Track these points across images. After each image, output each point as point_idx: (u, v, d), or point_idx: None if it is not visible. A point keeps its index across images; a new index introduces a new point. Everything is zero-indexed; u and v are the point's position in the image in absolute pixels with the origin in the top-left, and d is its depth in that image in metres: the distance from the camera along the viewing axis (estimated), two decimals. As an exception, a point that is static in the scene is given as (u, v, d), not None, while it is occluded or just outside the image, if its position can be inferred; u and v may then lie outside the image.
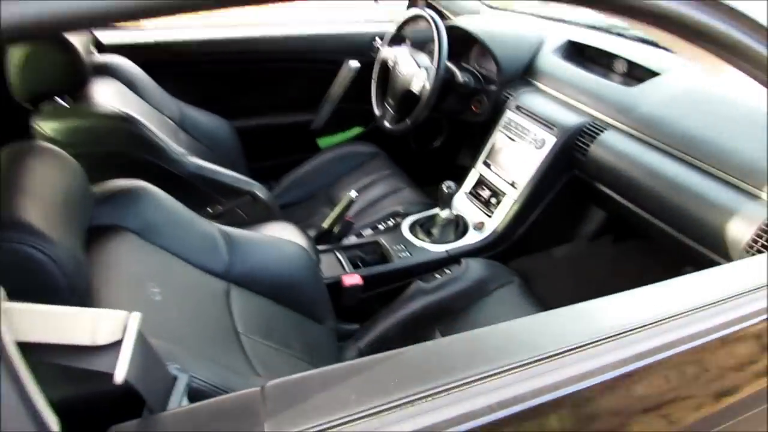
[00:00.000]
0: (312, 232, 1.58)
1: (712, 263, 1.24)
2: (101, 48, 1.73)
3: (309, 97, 2.12)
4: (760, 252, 1.11)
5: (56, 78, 1.22)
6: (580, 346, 0.63)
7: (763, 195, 1.14)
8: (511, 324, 0.67)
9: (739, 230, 1.14)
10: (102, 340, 0.52)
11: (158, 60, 1.81)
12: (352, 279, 1.40)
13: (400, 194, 1.84)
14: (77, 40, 1.24)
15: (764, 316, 0.73)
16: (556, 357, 0.61)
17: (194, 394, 0.64)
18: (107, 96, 1.38)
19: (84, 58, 1.24)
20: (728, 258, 1.18)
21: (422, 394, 0.55)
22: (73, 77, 1.23)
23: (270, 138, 2.09)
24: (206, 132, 1.72)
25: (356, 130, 2.24)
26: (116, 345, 0.53)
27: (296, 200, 1.92)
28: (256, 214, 1.45)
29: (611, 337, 0.65)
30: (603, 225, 1.69)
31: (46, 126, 1.20)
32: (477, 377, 0.58)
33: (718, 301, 0.71)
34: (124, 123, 1.26)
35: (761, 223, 1.11)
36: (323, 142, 2.20)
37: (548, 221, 1.61)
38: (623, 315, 0.69)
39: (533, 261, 1.67)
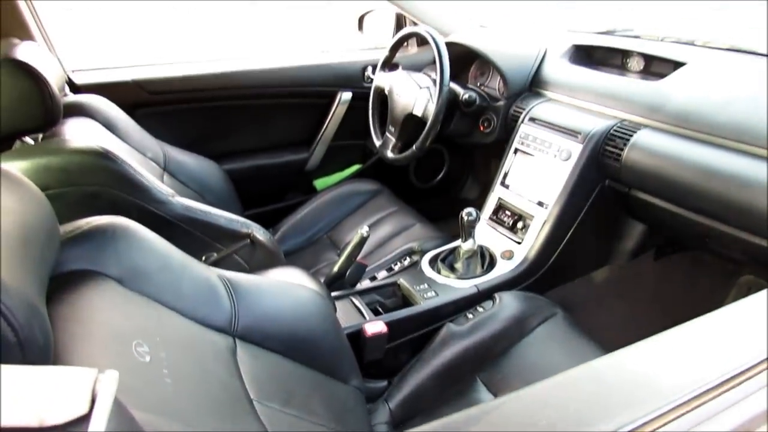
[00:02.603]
0: (321, 280, 1.38)
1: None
2: (75, 89, 1.58)
3: (301, 133, 1.98)
4: None
5: (25, 114, 1.06)
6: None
7: None
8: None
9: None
10: (56, 416, 0.32)
11: (138, 99, 1.66)
12: (376, 327, 1.20)
13: (411, 230, 1.66)
14: (49, 76, 1.08)
15: None
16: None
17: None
18: (82, 134, 1.21)
19: (57, 93, 1.08)
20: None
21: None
22: (44, 114, 1.07)
23: (263, 181, 1.92)
24: (194, 176, 1.55)
25: (354, 168, 2.08)
26: (80, 423, 0.33)
27: (297, 247, 1.73)
28: (258, 261, 1.25)
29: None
30: (642, 240, 1.51)
31: (11, 167, 1.01)
32: None
33: None
34: (102, 159, 1.08)
35: None
36: (320, 183, 2.03)
37: (583, 242, 1.44)
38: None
39: (572, 289, 1.48)
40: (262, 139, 1.93)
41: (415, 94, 1.61)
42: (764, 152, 1.08)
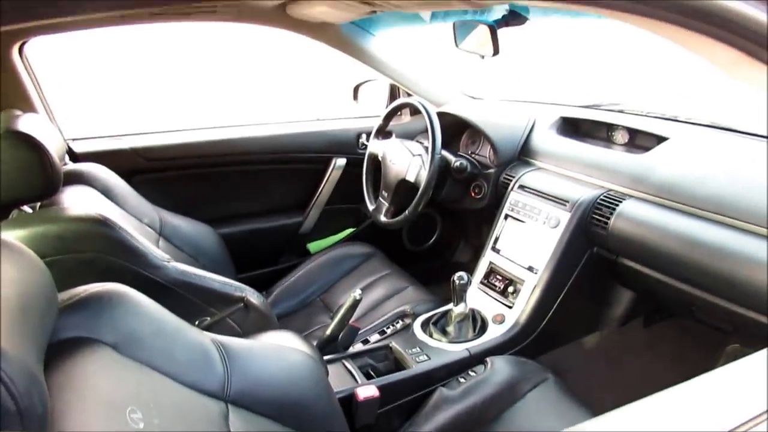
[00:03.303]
0: (314, 343, 1.38)
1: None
2: (75, 157, 1.62)
3: (296, 198, 2.03)
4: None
5: (26, 184, 1.08)
6: None
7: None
8: None
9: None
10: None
11: (136, 167, 1.71)
12: (368, 391, 1.19)
13: (403, 293, 1.68)
14: (50, 146, 1.12)
15: None
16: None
17: None
18: (79, 202, 1.24)
19: (57, 163, 1.12)
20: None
21: None
22: (44, 184, 1.10)
23: (258, 244, 1.95)
24: (189, 240, 1.57)
25: (347, 231, 2.12)
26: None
27: (290, 310, 1.74)
28: (251, 324, 1.26)
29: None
30: (631, 307, 1.53)
31: (9, 235, 1.04)
32: None
33: None
34: (98, 226, 1.10)
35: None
36: (314, 246, 2.06)
37: (573, 307, 1.46)
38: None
39: (563, 354, 1.49)
40: (257, 204, 1.97)
41: (408, 160, 1.67)
42: (743, 225, 1.12)
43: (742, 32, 0.57)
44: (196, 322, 1.22)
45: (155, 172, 1.77)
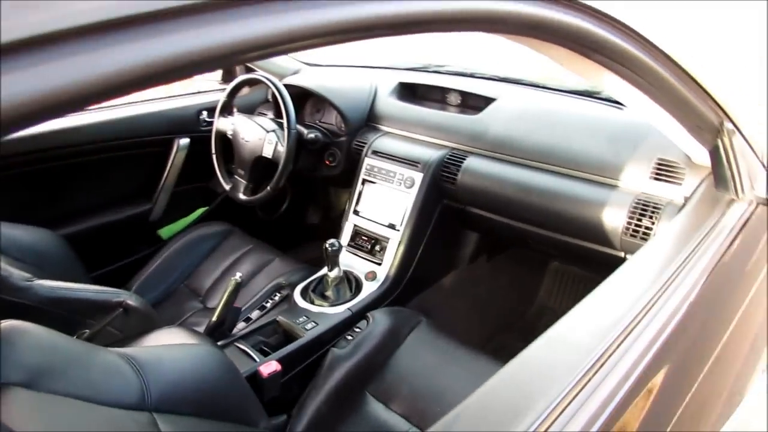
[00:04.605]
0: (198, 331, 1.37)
1: (592, 254, 1.38)
2: None
3: (140, 185, 1.90)
4: (635, 233, 1.25)
5: None
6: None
7: (620, 183, 1.31)
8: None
9: (614, 218, 1.28)
10: None
11: None
12: (270, 367, 1.24)
13: (272, 266, 1.71)
14: None
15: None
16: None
17: None
18: None
19: None
20: (611, 245, 1.31)
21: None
22: None
23: (106, 239, 1.80)
24: (29, 249, 1.41)
25: (199, 211, 2.05)
26: None
27: (154, 302, 1.66)
28: (133, 328, 1.21)
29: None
30: (477, 246, 1.77)
31: None
32: None
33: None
34: None
35: (628, 207, 1.26)
36: (165, 231, 1.96)
37: (432, 254, 1.64)
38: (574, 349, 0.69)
39: (428, 296, 1.68)
40: (99, 197, 1.81)
41: (262, 137, 1.67)
42: (562, 170, 1.37)
43: (572, 39, 0.72)
44: (74, 337, 1.14)
45: None
